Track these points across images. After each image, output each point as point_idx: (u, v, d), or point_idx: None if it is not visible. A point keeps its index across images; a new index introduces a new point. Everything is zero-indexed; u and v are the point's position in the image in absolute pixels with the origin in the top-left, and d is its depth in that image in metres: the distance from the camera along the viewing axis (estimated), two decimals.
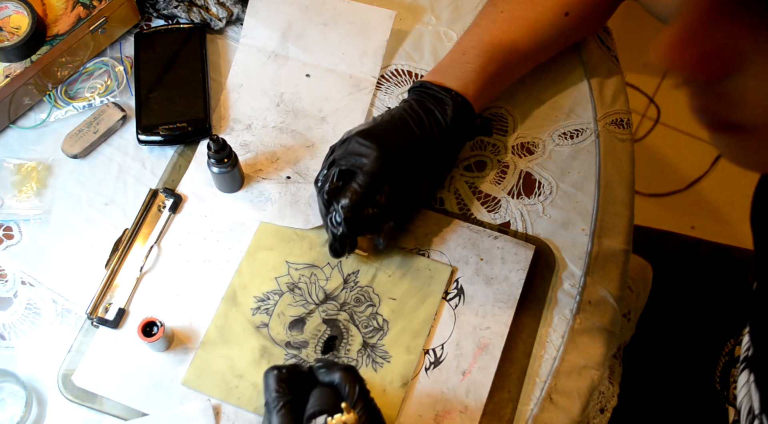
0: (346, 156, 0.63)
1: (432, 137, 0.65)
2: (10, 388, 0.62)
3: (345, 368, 0.54)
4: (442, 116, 0.65)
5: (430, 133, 0.65)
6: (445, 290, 0.67)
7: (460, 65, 0.67)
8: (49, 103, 0.74)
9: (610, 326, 0.67)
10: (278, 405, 0.52)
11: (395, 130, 0.64)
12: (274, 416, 0.52)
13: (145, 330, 0.62)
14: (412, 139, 0.64)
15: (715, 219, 1.59)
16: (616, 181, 0.73)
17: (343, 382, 0.53)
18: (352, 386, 0.52)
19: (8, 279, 0.67)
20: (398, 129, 0.65)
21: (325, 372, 0.54)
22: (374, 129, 0.64)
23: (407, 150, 0.64)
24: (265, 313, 0.65)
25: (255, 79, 0.76)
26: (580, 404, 0.64)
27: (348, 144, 0.64)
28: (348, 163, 0.63)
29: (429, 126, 0.65)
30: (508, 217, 0.71)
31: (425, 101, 0.66)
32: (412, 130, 0.64)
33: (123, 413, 0.62)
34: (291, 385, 0.53)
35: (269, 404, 0.53)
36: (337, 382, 0.53)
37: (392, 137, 0.64)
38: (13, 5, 0.69)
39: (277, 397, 0.52)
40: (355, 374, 0.54)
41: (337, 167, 0.63)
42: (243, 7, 0.77)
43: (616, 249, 0.70)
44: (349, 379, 0.53)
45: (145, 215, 0.69)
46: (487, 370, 0.64)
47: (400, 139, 0.64)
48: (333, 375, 0.53)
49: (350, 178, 0.63)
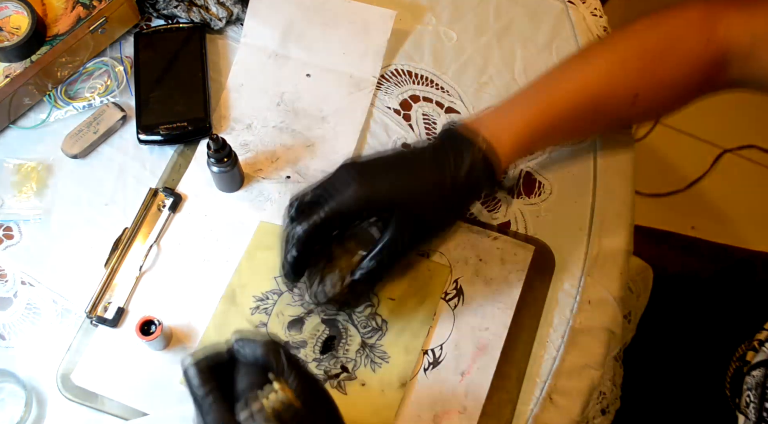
0: (327, 182, 0.58)
1: (434, 189, 0.57)
2: (10, 388, 0.62)
3: (265, 342, 0.50)
4: (455, 167, 0.57)
5: (434, 184, 0.57)
6: (445, 290, 0.67)
7: (507, 110, 0.60)
8: (49, 103, 0.74)
9: (611, 326, 0.67)
10: (205, 396, 0.49)
11: (392, 170, 0.58)
12: (205, 407, 0.49)
13: (143, 329, 0.62)
14: (406, 184, 0.57)
15: (715, 219, 1.58)
16: (617, 181, 0.73)
17: (267, 356, 0.49)
18: (277, 358, 0.49)
19: (8, 279, 0.67)
20: (396, 170, 0.58)
21: (245, 347, 0.50)
22: (369, 163, 0.59)
23: (392, 195, 0.57)
24: (264, 312, 0.65)
25: (255, 78, 0.76)
26: (580, 404, 0.64)
27: (336, 171, 0.59)
28: (323, 190, 0.58)
29: (435, 175, 0.57)
30: (508, 217, 0.71)
31: (444, 145, 0.58)
32: (412, 174, 0.58)
33: (122, 413, 0.62)
34: (214, 373, 0.50)
35: (196, 398, 0.49)
36: (260, 356, 0.50)
37: (382, 176, 0.57)
38: (13, 5, 0.69)
39: (203, 387, 0.49)
40: (277, 345, 0.50)
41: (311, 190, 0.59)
42: (243, 7, 0.77)
43: (617, 249, 0.70)
44: (272, 352, 0.49)
45: (144, 214, 0.69)
46: (486, 370, 0.64)
47: (391, 181, 0.57)
48: (254, 350, 0.50)
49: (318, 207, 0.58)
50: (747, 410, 0.71)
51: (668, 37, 0.60)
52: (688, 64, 0.60)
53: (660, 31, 0.61)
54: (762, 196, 1.60)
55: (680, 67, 0.61)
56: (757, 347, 0.74)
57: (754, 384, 0.71)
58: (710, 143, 1.65)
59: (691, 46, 0.60)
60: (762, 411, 0.68)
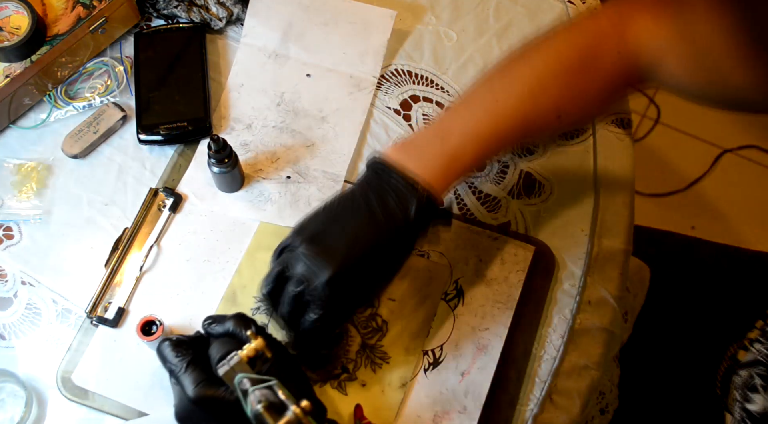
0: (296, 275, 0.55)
1: (391, 238, 0.56)
2: (10, 388, 0.62)
3: (234, 315, 0.55)
4: (403, 215, 0.55)
5: (390, 234, 0.56)
6: (445, 290, 0.67)
7: (435, 149, 0.58)
8: (49, 103, 0.74)
9: (610, 326, 0.68)
10: (183, 366, 0.52)
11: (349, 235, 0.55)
12: (183, 377, 0.52)
13: (144, 329, 0.62)
14: (371, 244, 0.55)
15: (715, 219, 1.58)
16: (616, 182, 0.73)
17: (237, 326, 0.54)
18: (247, 326, 0.54)
19: (8, 279, 0.67)
20: (353, 233, 0.55)
21: (217, 326, 0.55)
22: (323, 234, 0.55)
23: (363, 259, 0.55)
24: (264, 313, 0.65)
25: (255, 78, 0.76)
26: (580, 404, 0.64)
27: (296, 257, 0.55)
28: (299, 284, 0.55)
29: (388, 226, 0.55)
30: (508, 217, 0.71)
31: (385, 194, 0.56)
32: (370, 230, 0.55)
33: (122, 413, 0.62)
34: (188, 347, 0.54)
35: (173, 370, 0.53)
36: (231, 329, 0.54)
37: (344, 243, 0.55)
38: (13, 5, 0.69)
39: (179, 359, 0.53)
40: (245, 317, 0.55)
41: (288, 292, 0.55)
42: (243, 7, 0.77)
43: (616, 249, 0.70)
44: (242, 322, 0.54)
45: (145, 214, 0.69)
46: (486, 371, 0.64)
47: (356, 246, 0.55)
48: (225, 324, 0.55)
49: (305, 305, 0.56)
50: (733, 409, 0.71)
51: (582, 52, 0.59)
52: (604, 78, 0.60)
53: (574, 44, 0.60)
54: (762, 196, 1.60)
55: (597, 82, 0.60)
56: (748, 345, 0.75)
57: (740, 383, 0.71)
58: (710, 143, 1.65)
59: (605, 60, 0.59)
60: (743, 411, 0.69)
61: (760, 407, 0.68)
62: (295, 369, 0.56)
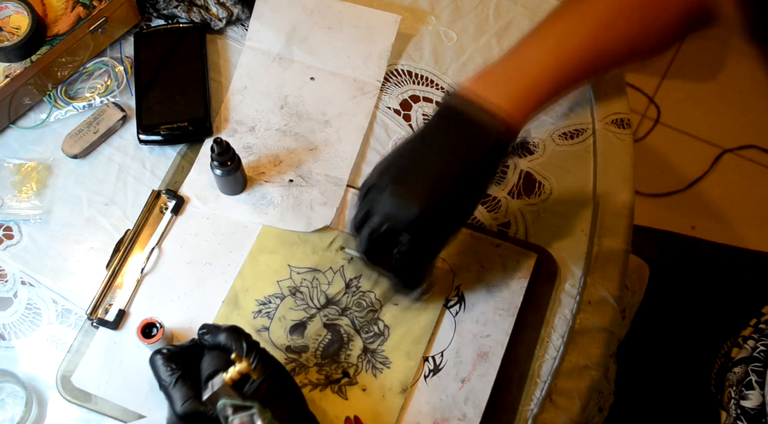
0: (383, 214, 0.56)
1: (473, 171, 0.56)
2: (10, 388, 0.62)
3: (228, 328, 0.55)
4: (485, 146, 0.56)
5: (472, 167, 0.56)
6: (446, 297, 0.67)
7: (512, 80, 0.58)
8: (49, 103, 0.73)
9: (610, 326, 0.68)
10: (172, 381, 0.53)
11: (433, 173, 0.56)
12: (172, 392, 0.53)
13: (144, 331, 0.62)
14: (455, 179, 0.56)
15: (715, 219, 1.59)
16: (616, 182, 0.73)
17: (229, 340, 0.54)
18: (238, 341, 0.54)
19: (8, 279, 0.67)
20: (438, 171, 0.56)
21: (210, 337, 0.55)
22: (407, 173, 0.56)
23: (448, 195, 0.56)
24: (266, 316, 0.65)
25: (259, 81, 0.76)
26: (580, 404, 0.64)
27: (383, 197, 0.56)
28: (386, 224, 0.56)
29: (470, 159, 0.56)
30: (508, 217, 0.71)
31: (465, 127, 0.56)
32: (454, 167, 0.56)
33: (121, 415, 0.62)
34: (179, 361, 0.54)
35: (163, 384, 0.54)
36: (223, 342, 0.54)
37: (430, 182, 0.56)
38: (13, 5, 0.69)
39: (169, 374, 0.54)
40: (239, 330, 0.55)
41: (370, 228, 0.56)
42: (243, 8, 0.77)
43: (616, 249, 0.70)
44: (234, 336, 0.54)
45: (147, 216, 0.69)
46: (487, 378, 0.64)
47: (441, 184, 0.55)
48: (218, 337, 0.55)
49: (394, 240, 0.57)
50: (728, 406, 0.71)
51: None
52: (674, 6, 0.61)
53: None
54: (762, 196, 1.60)
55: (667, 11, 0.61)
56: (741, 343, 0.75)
57: (735, 381, 0.71)
58: (710, 143, 1.66)
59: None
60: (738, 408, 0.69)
61: (754, 403, 0.68)
62: (288, 385, 0.55)
